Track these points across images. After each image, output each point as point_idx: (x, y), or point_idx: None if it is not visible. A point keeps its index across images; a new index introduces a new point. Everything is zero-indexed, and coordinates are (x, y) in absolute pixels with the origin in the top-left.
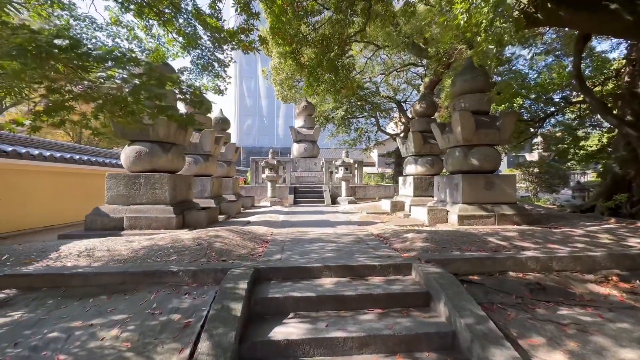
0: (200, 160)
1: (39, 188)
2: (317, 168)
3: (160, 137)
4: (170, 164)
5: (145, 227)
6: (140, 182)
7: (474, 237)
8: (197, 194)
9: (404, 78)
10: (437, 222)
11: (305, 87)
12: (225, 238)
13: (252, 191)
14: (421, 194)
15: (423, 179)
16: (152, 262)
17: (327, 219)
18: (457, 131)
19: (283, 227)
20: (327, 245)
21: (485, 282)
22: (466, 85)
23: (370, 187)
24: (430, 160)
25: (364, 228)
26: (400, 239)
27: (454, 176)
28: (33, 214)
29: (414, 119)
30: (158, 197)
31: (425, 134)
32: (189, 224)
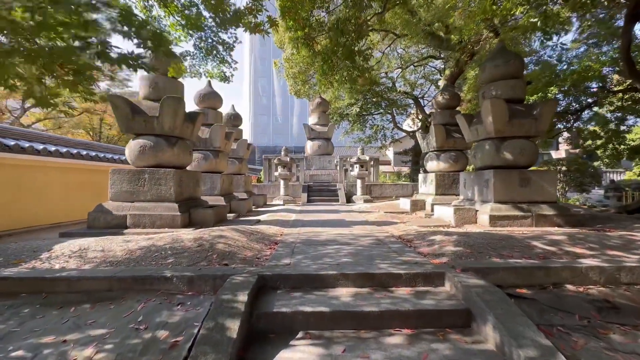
0: (210, 156)
1: (46, 184)
2: (331, 166)
3: (165, 130)
4: (176, 158)
5: (149, 225)
6: (145, 178)
7: (514, 240)
8: (206, 191)
9: (421, 73)
10: (465, 222)
11: (319, 75)
12: (230, 239)
13: (264, 189)
14: (444, 192)
15: (446, 175)
16: (146, 265)
17: (342, 218)
18: (487, 122)
19: (294, 227)
20: (343, 248)
21: (538, 298)
22: (498, 71)
23: (386, 186)
24: (453, 155)
25: (382, 229)
26: (426, 241)
27: (483, 172)
28: (40, 211)
29: (436, 112)
30: (163, 194)
31: (449, 128)
32: (195, 222)
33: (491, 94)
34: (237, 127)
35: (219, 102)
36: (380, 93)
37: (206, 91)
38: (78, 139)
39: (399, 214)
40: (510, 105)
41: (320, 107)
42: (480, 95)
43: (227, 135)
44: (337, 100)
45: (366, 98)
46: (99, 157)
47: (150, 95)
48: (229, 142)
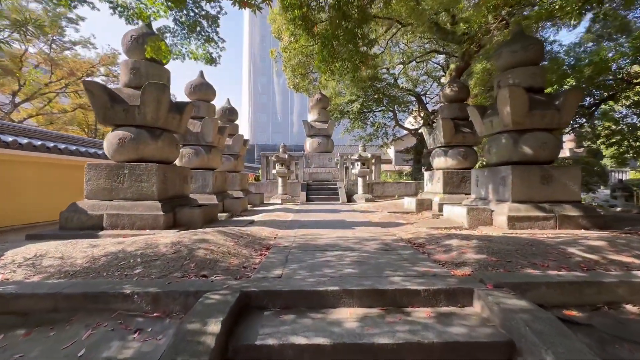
0: (202, 151)
1: (18, 181)
2: (331, 164)
3: (147, 121)
4: (160, 152)
5: (128, 227)
6: (124, 174)
7: (545, 246)
8: (197, 189)
9: (424, 69)
10: (479, 224)
11: (318, 62)
12: (214, 243)
13: (262, 188)
14: (452, 191)
15: (454, 173)
16: (108, 276)
17: (343, 218)
18: (504, 112)
19: (291, 229)
20: (346, 255)
21: (594, 323)
22: (515, 57)
23: (389, 184)
24: (462, 151)
25: (388, 231)
26: (441, 247)
27: (499, 168)
28: (10, 210)
29: (443, 105)
30: (144, 192)
31: (457, 122)
32: (180, 223)
33: (508, 82)
34: (233, 122)
35: (212, 93)
36: (381, 89)
37: (198, 82)
38: (58, 132)
39: (404, 214)
40: (529, 95)
41: (320, 104)
42: (496, 84)
43: (221, 130)
44: (338, 96)
45: (367, 94)
46: (80, 152)
47: (131, 82)
48: (222, 137)
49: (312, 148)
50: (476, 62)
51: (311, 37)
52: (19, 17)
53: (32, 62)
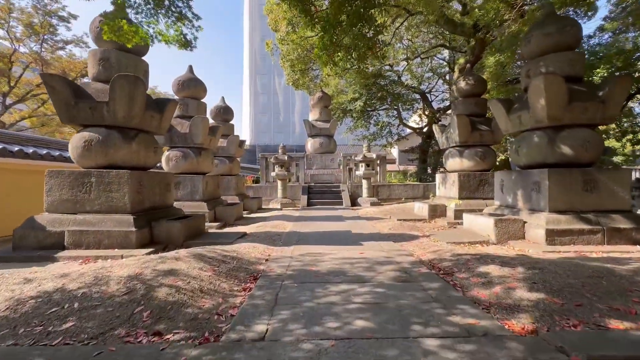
0: (191, 154)
1: None
2: (333, 165)
3: (118, 120)
4: (135, 156)
5: (94, 245)
6: (91, 182)
7: (619, 279)
8: (185, 195)
9: (428, 66)
10: (509, 237)
11: (318, 50)
12: (184, 275)
13: (261, 191)
14: (469, 196)
15: (471, 176)
16: (25, 333)
17: (348, 229)
18: (538, 106)
19: (287, 245)
20: (355, 292)
21: None
22: (549, 41)
23: (395, 186)
24: (480, 151)
25: (403, 247)
26: (476, 275)
27: (531, 172)
28: None
29: (457, 101)
30: (114, 203)
31: (473, 119)
32: (158, 239)
33: (540, 70)
34: (228, 122)
35: (202, 90)
36: (385, 87)
37: (186, 77)
38: (29, 135)
39: (416, 222)
40: (568, 85)
41: (322, 102)
42: (524, 74)
43: (213, 130)
44: (340, 94)
45: (370, 92)
46: (52, 156)
47: (100, 75)
48: (214, 138)
49: (314, 148)
50: (488, 54)
51: (310, 23)
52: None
53: (24, 62)
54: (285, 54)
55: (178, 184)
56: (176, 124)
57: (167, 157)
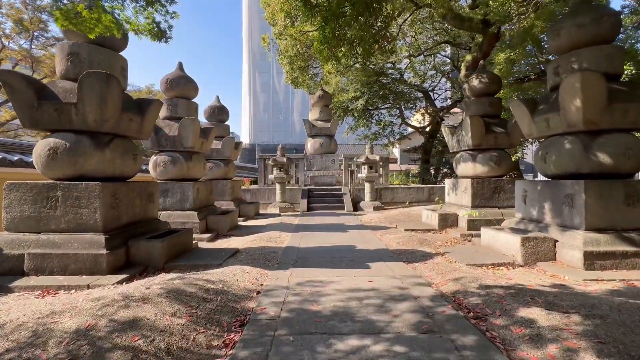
0: (180, 159)
1: None
2: (334, 166)
3: (89, 123)
4: (109, 165)
5: (59, 271)
6: (57, 197)
7: None
8: (174, 204)
9: (432, 63)
10: (538, 258)
11: (318, 45)
12: (150, 327)
13: (259, 194)
14: (483, 204)
15: (485, 182)
16: None
17: (352, 243)
18: (571, 108)
19: (284, 267)
20: (368, 350)
21: None
22: (583, 33)
23: (399, 190)
24: (495, 156)
25: (417, 271)
26: (517, 324)
27: (562, 183)
28: None
29: (469, 100)
30: (84, 221)
31: (487, 120)
32: (135, 261)
33: (571, 67)
34: (223, 123)
35: (193, 89)
36: (387, 85)
37: (175, 75)
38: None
39: (425, 233)
40: (607, 84)
41: (322, 101)
42: (551, 70)
43: (205, 132)
44: (341, 93)
45: (372, 91)
46: (10, 162)
47: (68, 73)
48: (206, 140)
49: (314, 149)
50: (498, 51)
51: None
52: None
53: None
54: (283, 50)
55: (166, 191)
56: (164, 125)
57: (154, 163)
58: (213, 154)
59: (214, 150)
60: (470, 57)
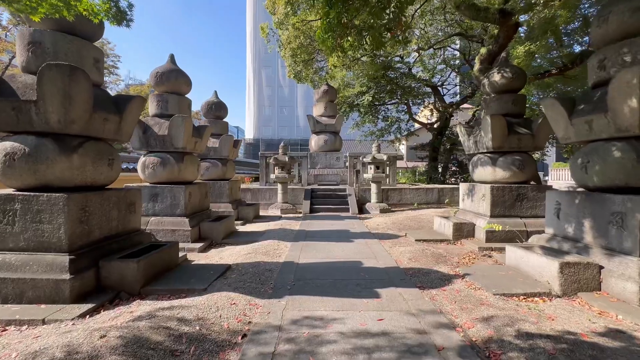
0: (171, 160)
1: None
2: (339, 164)
3: (52, 125)
4: (78, 173)
5: (15, 298)
6: (15, 210)
7: None
8: (164, 210)
9: (441, 57)
10: (579, 288)
11: (322, 33)
12: None
13: (260, 195)
14: (504, 213)
15: (507, 189)
16: None
17: (359, 258)
18: (623, 109)
19: (279, 296)
20: None
21: None
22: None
23: (407, 191)
24: (518, 160)
25: (435, 301)
26: None
27: (609, 198)
28: None
29: (490, 98)
30: (46, 239)
31: (510, 120)
32: (107, 284)
33: (623, 59)
34: (221, 119)
35: (185, 84)
36: (394, 80)
37: (165, 69)
38: None
39: (438, 244)
40: None
41: (327, 96)
42: (595, 64)
43: (199, 131)
44: (347, 87)
45: (379, 85)
46: None
47: (30, 65)
48: (201, 139)
49: (318, 146)
50: (516, 43)
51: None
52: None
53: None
54: (285, 42)
55: (155, 196)
56: (153, 124)
57: (142, 164)
58: (210, 153)
59: (211, 149)
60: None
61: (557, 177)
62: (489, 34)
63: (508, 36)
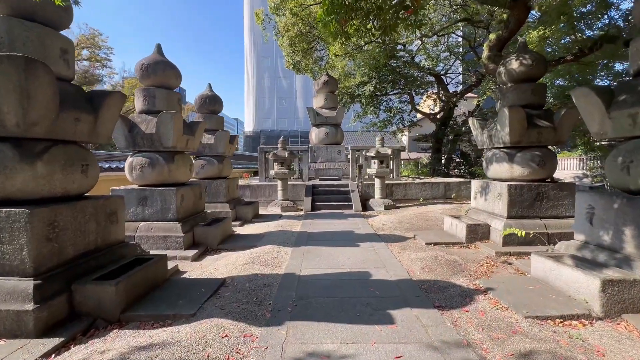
0: (160, 161)
1: None
2: (341, 157)
3: (9, 128)
4: (45, 183)
5: None
6: None
7: None
8: (154, 214)
9: (445, 44)
10: (623, 309)
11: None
12: None
13: (259, 192)
14: (522, 213)
15: (525, 187)
16: None
17: (366, 268)
18: None
19: (279, 323)
20: None
21: None
22: None
23: (412, 185)
24: (538, 156)
25: (458, 327)
26: None
27: None
28: None
29: (506, 88)
30: (7, 261)
31: (530, 111)
32: (82, 310)
33: None
34: (216, 114)
35: (174, 76)
36: (397, 69)
37: (152, 60)
38: None
39: (450, 248)
40: None
41: (328, 87)
42: (639, 48)
43: (190, 128)
44: (348, 78)
45: (381, 75)
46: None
47: None
48: (192, 137)
49: (319, 139)
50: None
51: None
52: None
53: None
54: (282, 29)
55: (144, 199)
56: (140, 121)
57: (129, 165)
58: (205, 150)
59: (206, 146)
60: (494, 35)
61: (562, 166)
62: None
63: (519, 21)
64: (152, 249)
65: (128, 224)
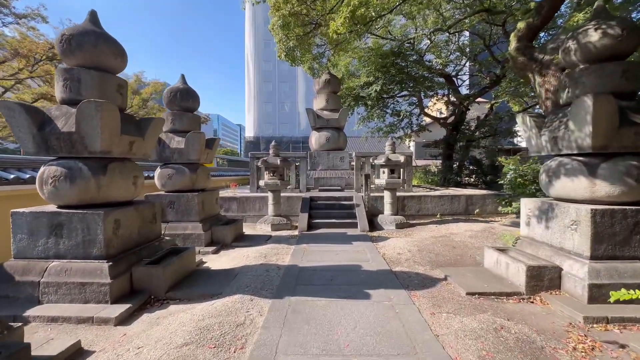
0: (84, 172)
1: None
2: (343, 165)
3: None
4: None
5: None
6: None
7: None
8: (72, 249)
9: (456, 44)
10: None
11: None
12: None
13: (248, 205)
14: (614, 253)
15: (618, 214)
16: None
17: (387, 353)
18: None
19: None
20: None
21: None
22: None
23: (427, 199)
24: (636, 167)
25: None
26: None
27: None
28: None
29: (580, 69)
30: None
31: (620, 103)
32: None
33: None
34: (190, 111)
35: (112, 54)
36: (405, 69)
37: (78, 30)
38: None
39: (505, 303)
40: None
41: (329, 87)
42: None
43: (138, 127)
44: (351, 77)
45: (388, 75)
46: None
47: None
48: (142, 139)
49: (319, 144)
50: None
51: None
52: None
53: None
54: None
55: (59, 227)
56: (58, 115)
57: (40, 178)
58: (174, 156)
59: (175, 151)
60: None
61: None
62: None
63: (554, 6)
64: (63, 303)
65: (34, 263)
